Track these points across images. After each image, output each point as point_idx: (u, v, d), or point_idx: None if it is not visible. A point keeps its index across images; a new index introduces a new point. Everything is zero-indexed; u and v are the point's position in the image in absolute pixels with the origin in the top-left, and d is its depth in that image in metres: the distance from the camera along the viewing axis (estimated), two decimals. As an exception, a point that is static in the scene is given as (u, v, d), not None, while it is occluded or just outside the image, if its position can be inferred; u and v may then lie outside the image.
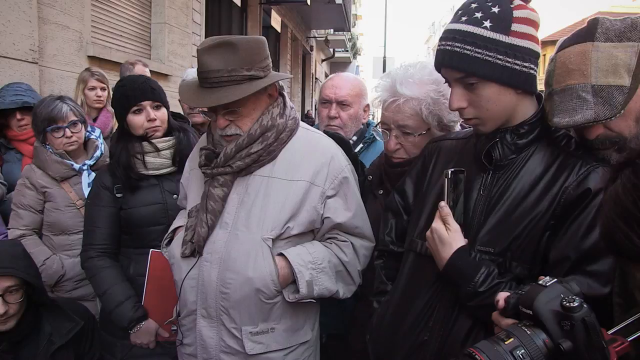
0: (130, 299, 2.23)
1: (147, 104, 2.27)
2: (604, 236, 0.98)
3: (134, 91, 2.27)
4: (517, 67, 1.39)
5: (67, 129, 2.62)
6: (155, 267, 2.22)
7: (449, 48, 1.43)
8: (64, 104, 2.63)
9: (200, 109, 2.99)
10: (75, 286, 2.69)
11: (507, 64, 1.38)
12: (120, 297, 2.23)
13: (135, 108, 2.26)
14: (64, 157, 2.66)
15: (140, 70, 4.21)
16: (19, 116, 3.19)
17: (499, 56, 1.38)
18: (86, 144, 2.81)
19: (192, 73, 3.65)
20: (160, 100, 2.32)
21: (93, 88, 3.83)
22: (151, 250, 2.24)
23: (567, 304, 0.99)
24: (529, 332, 1.02)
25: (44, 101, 2.67)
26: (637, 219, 0.89)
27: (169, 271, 1.96)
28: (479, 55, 1.38)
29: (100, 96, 3.85)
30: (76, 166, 2.68)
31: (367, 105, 2.72)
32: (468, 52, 1.39)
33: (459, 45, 1.40)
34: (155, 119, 2.28)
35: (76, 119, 2.67)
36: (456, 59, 1.41)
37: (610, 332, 1.03)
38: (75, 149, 2.70)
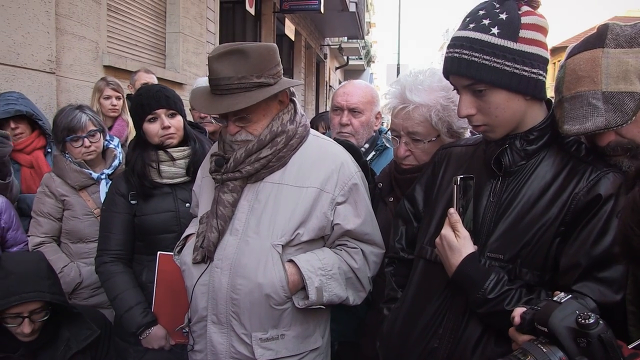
0: (140, 305, 2.25)
1: (161, 112, 2.30)
2: (620, 242, 0.98)
3: (148, 100, 2.30)
4: (526, 74, 1.39)
5: (85, 139, 2.67)
6: (163, 269, 2.22)
7: (457, 55, 1.43)
8: (83, 114, 2.68)
9: (211, 115, 3.03)
10: (92, 294, 2.72)
11: (515, 70, 1.38)
12: (130, 303, 2.25)
13: (150, 117, 2.29)
14: (83, 166, 2.70)
15: (142, 77, 4.26)
16: (12, 125, 3.13)
17: (507, 63, 1.38)
18: (105, 153, 2.85)
19: (202, 82, 3.68)
20: (175, 108, 2.34)
21: (108, 97, 3.89)
22: (159, 252, 2.24)
23: (583, 321, 0.98)
24: (545, 350, 1.01)
25: (63, 110, 2.71)
26: None
27: (179, 275, 1.97)
28: (487, 62, 1.38)
29: (115, 105, 3.90)
30: (95, 175, 2.72)
31: (379, 113, 2.72)
32: (476, 59, 1.39)
33: (467, 52, 1.40)
34: (169, 127, 2.30)
35: (95, 128, 2.71)
36: (464, 66, 1.41)
37: (630, 346, 1.01)
38: (94, 158, 2.75)
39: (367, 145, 2.66)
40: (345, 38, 20.82)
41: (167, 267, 2.20)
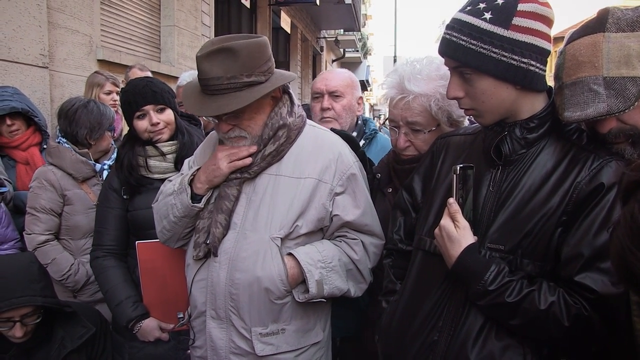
0: (130, 298, 2.23)
1: (149, 108, 2.24)
2: (617, 265, 0.91)
3: (135, 96, 2.25)
4: (514, 62, 1.35)
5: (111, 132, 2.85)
6: (145, 259, 2.17)
7: (448, 37, 1.42)
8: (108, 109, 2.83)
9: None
10: (97, 289, 2.66)
11: (503, 58, 1.35)
12: (120, 297, 2.22)
13: (138, 113, 2.25)
14: (87, 157, 2.69)
15: (136, 74, 4.20)
16: (8, 122, 3.09)
17: (494, 49, 1.35)
18: None
19: (187, 77, 3.61)
20: (163, 102, 2.28)
21: (110, 92, 3.83)
22: (137, 242, 2.19)
23: None
24: None
25: (87, 106, 2.72)
26: None
27: (162, 261, 1.92)
28: (474, 47, 1.36)
29: (116, 100, 3.85)
30: (98, 167, 2.72)
31: (360, 98, 2.70)
32: (463, 43, 1.37)
33: (456, 35, 1.39)
34: (158, 123, 2.25)
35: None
36: (452, 48, 1.40)
37: None
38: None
39: (354, 134, 2.63)
40: (342, 30, 20.71)
41: (147, 256, 2.16)
